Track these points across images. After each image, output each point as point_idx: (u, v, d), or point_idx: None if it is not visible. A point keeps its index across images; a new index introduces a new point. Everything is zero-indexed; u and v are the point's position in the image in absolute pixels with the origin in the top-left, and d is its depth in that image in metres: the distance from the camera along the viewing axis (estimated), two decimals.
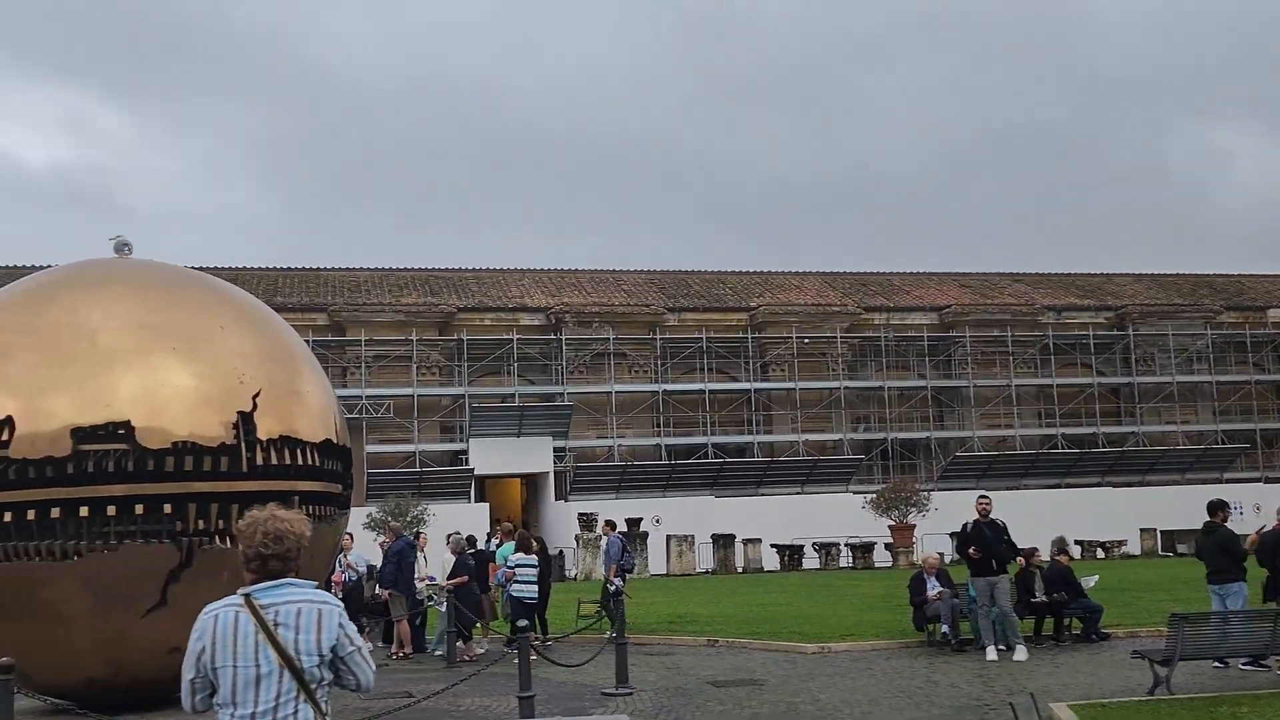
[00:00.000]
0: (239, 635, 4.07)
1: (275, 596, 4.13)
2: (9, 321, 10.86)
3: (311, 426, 11.40)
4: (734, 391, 49.00)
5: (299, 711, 4.03)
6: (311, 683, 4.06)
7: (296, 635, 4.04)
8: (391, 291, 49.93)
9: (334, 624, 4.12)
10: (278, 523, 4.22)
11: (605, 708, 11.50)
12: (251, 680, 4.02)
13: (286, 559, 4.19)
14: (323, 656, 4.08)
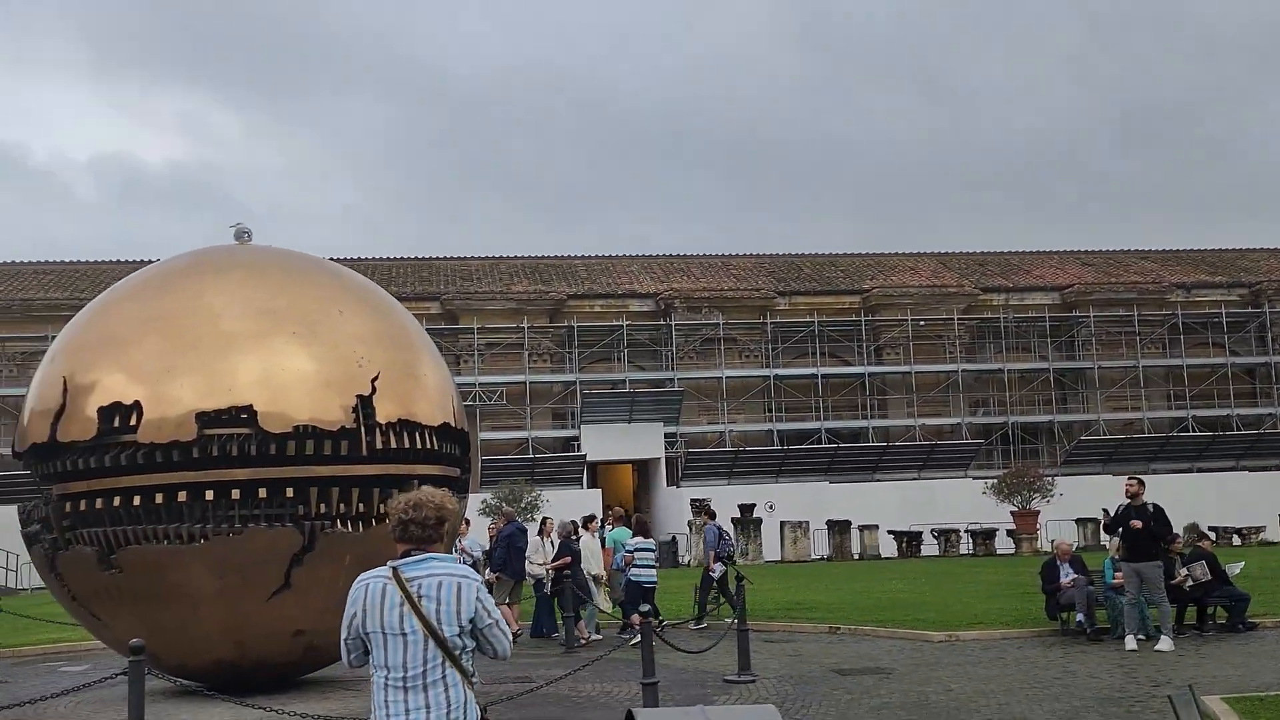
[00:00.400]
0: (386, 604, 4.32)
1: (419, 570, 4.37)
2: (134, 309, 10.99)
3: (430, 410, 11.33)
4: (847, 376, 48.23)
5: (446, 675, 4.27)
6: (455, 649, 4.28)
7: (438, 606, 4.28)
8: (502, 280, 50.28)
9: (472, 597, 4.33)
10: (419, 494, 4.53)
11: (729, 695, 11.23)
12: (399, 645, 4.28)
13: (425, 525, 4.41)
14: (462, 626, 4.29)
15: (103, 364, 10.58)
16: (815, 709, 10.48)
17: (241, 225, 12.43)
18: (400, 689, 4.28)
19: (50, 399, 10.68)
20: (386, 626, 4.30)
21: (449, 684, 4.28)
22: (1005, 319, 48.62)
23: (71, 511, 10.61)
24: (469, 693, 4.31)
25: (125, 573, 10.30)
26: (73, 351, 10.91)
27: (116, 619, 10.72)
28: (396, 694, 4.28)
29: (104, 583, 10.42)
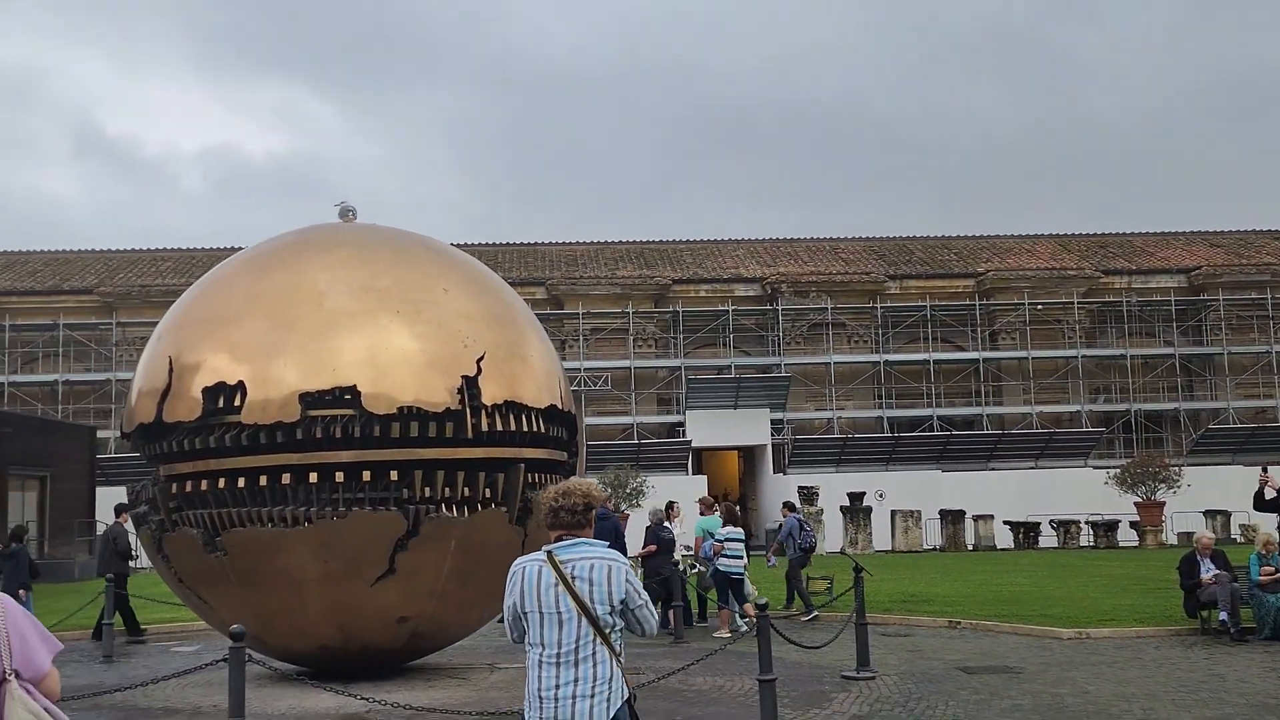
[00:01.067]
0: (542, 585, 4.57)
1: (572, 553, 4.63)
2: (238, 288, 10.82)
3: (536, 391, 10.97)
4: (960, 361, 46.94)
5: (596, 652, 4.50)
6: (605, 628, 4.52)
7: (590, 587, 4.52)
8: (607, 265, 50.02)
9: (621, 579, 4.57)
10: (568, 484, 4.82)
11: (849, 691, 10.68)
12: (555, 624, 4.52)
13: (574, 511, 4.67)
14: (613, 606, 4.54)
15: (207, 343, 10.42)
16: (941, 710, 9.87)
17: (346, 204, 12.22)
18: (554, 664, 4.51)
19: (157, 378, 10.57)
20: (543, 606, 4.54)
21: (598, 660, 4.51)
22: (1128, 302, 46.80)
23: (177, 493, 10.49)
24: (617, 669, 4.54)
25: (230, 555, 10.14)
26: (178, 330, 10.79)
27: (222, 602, 10.58)
28: (550, 669, 4.52)
29: (209, 565, 10.28)
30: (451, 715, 8.64)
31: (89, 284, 46.55)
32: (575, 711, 4.46)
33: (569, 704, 4.46)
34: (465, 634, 11.83)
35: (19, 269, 48.67)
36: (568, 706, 4.46)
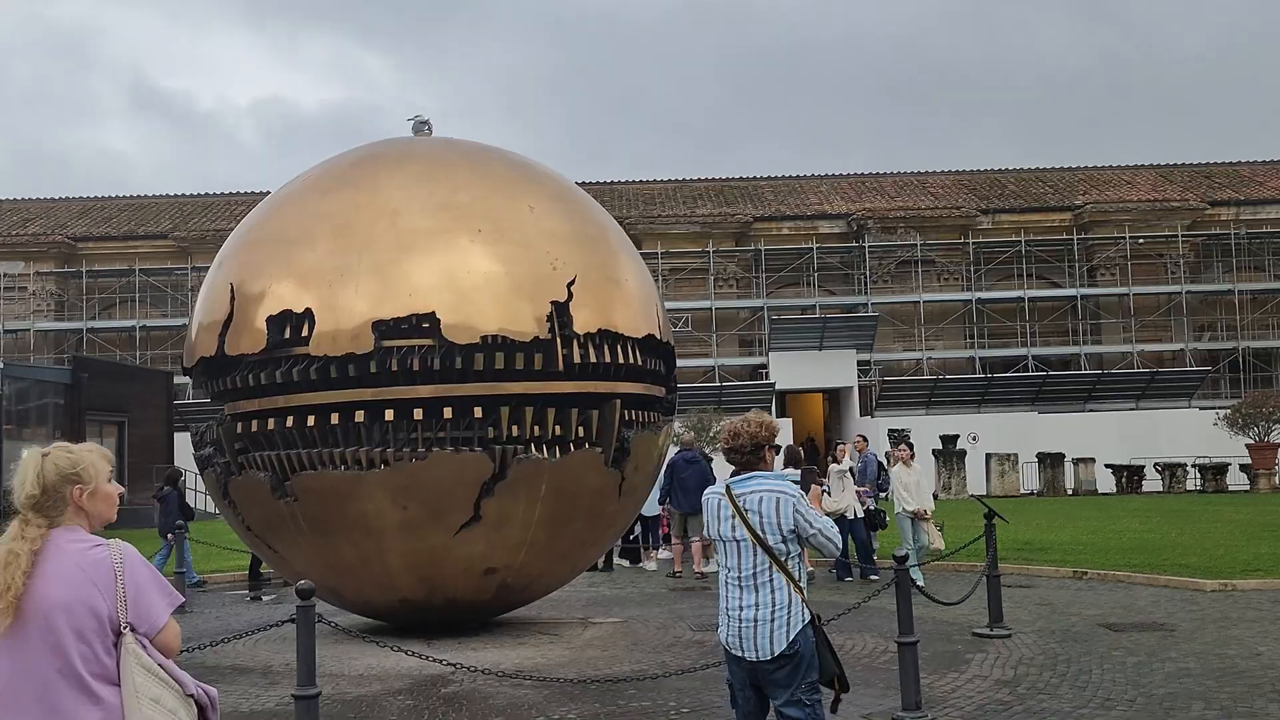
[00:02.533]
0: (721, 515, 5.00)
1: (745, 487, 5.00)
2: (303, 207, 9.82)
3: (632, 319, 9.87)
4: (1057, 299, 44.95)
5: (773, 579, 4.82)
6: (780, 555, 4.84)
7: (761, 519, 4.87)
8: (686, 203, 48.65)
9: (789, 511, 4.86)
10: (738, 424, 5.09)
11: (985, 652, 9.52)
12: (735, 550, 4.92)
13: (742, 452, 5.03)
14: (784, 535, 4.84)
15: (271, 269, 9.45)
16: (1097, 674, 8.66)
17: (420, 116, 11.15)
18: (737, 586, 4.90)
19: (217, 308, 9.64)
20: (723, 534, 4.97)
21: (775, 586, 4.82)
22: (1236, 235, 44.35)
23: (243, 433, 9.59)
24: (795, 596, 4.81)
25: (300, 501, 9.23)
26: (239, 255, 9.84)
27: (293, 552, 9.71)
28: (734, 590, 4.91)
29: (278, 512, 9.38)
30: (544, 683, 7.67)
31: (164, 229, 46.34)
32: (756, 633, 4.79)
33: (751, 626, 4.81)
34: (557, 586, 10.87)
35: (94, 215, 48.63)
36: (750, 628, 4.81)
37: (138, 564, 3.36)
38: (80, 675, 3.20)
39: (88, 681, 3.21)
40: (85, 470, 3.42)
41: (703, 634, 10.49)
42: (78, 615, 3.22)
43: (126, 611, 3.28)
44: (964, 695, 7.97)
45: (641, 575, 16.47)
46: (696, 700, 7.85)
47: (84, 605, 3.23)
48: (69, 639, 3.21)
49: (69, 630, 3.21)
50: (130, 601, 3.29)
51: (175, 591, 3.46)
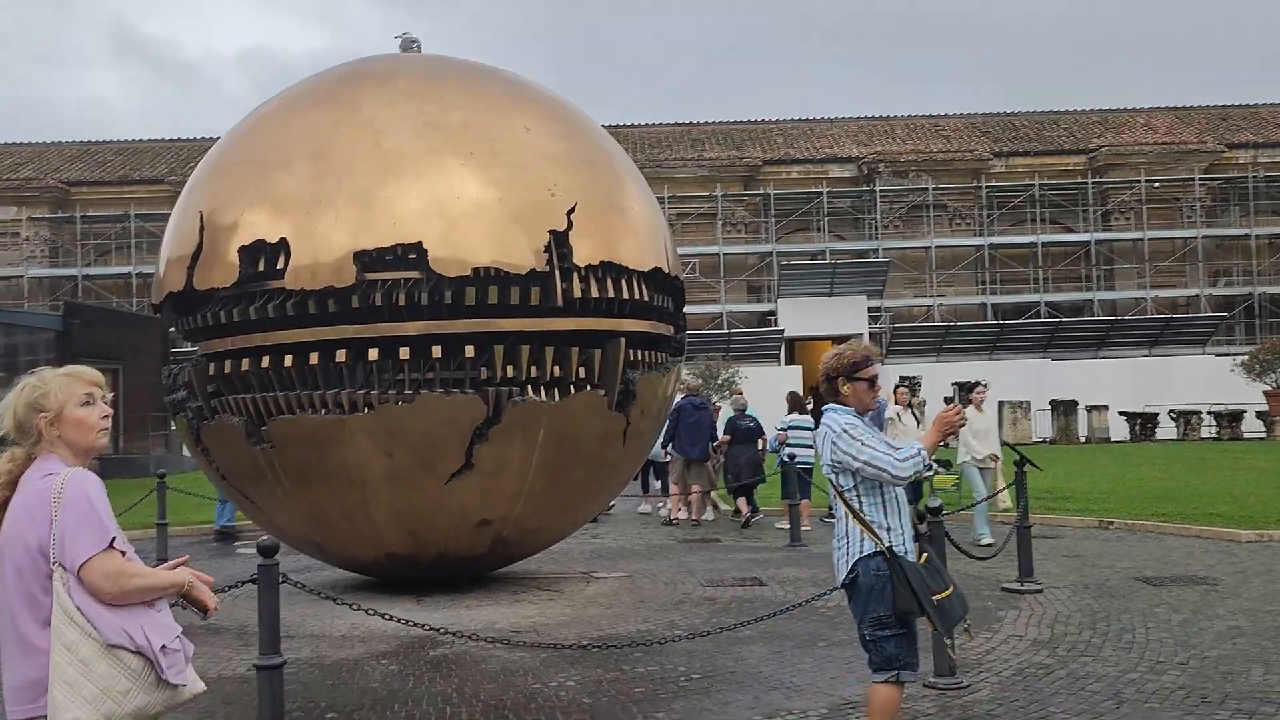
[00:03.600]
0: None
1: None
2: (279, 127, 9.01)
3: (638, 251, 9.09)
4: (1070, 244, 44.07)
5: (837, 509, 4.96)
6: (839, 488, 4.91)
7: (819, 453, 5.04)
8: (693, 146, 47.62)
9: (829, 444, 4.89)
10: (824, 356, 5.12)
11: (1017, 609, 8.83)
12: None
13: (821, 385, 5.04)
14: (833, 467, 4.89)
15: (243, 195, 8.66)
16: (1141, 633, 7.97)
17: (409, 35, 10.31)
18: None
19: (186, 239, 8.87)
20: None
21: (839, 516, 4.94)
22: (1254, 178, 43.34)
23: (215, 374, 8.85)
24: (855, 527, 4.83)
25: (277, 448, 8.51)
26: (209, 181, 9.04)
27: (272, 503, 9.00)
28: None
29: (254, 460, 8.66)
30: (541, 647, 6.99)
31: (159, 174, 45.42)
32: (834, 562, 4.96)
33: (832, 555, 5.00)
34: (557, 539, 10.17)
35: (88, 160, 47.70)
36: (832, 556, 5.01)
37: (77, 496, 3.09)
38: (29, 613, 3.09)
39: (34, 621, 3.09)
40: (46, 397, 3.22)
41: (713, 590, 9.82)
42: (17, 551, 3.10)
43: (55, 547, 3.08)
44: (1000, 658, 7.28)
45: (649, 526, 15.82)
46: (708, 664, 7.17)
47: (21, 540, 3.10)
48: (13, 576, 3.10)
49: (13, 567, 3.10)
50: (58, 536, 3.07)
51: (109, 527, 3.14)
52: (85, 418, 3.27)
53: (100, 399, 3.34)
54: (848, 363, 4.94)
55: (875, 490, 4.81)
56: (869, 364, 5.06)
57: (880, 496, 4.82)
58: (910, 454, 4.73)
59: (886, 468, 4.73)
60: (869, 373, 5.02)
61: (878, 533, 4.75)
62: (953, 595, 4.76)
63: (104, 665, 3.05)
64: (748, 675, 6.92)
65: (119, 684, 3.07)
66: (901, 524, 4.84)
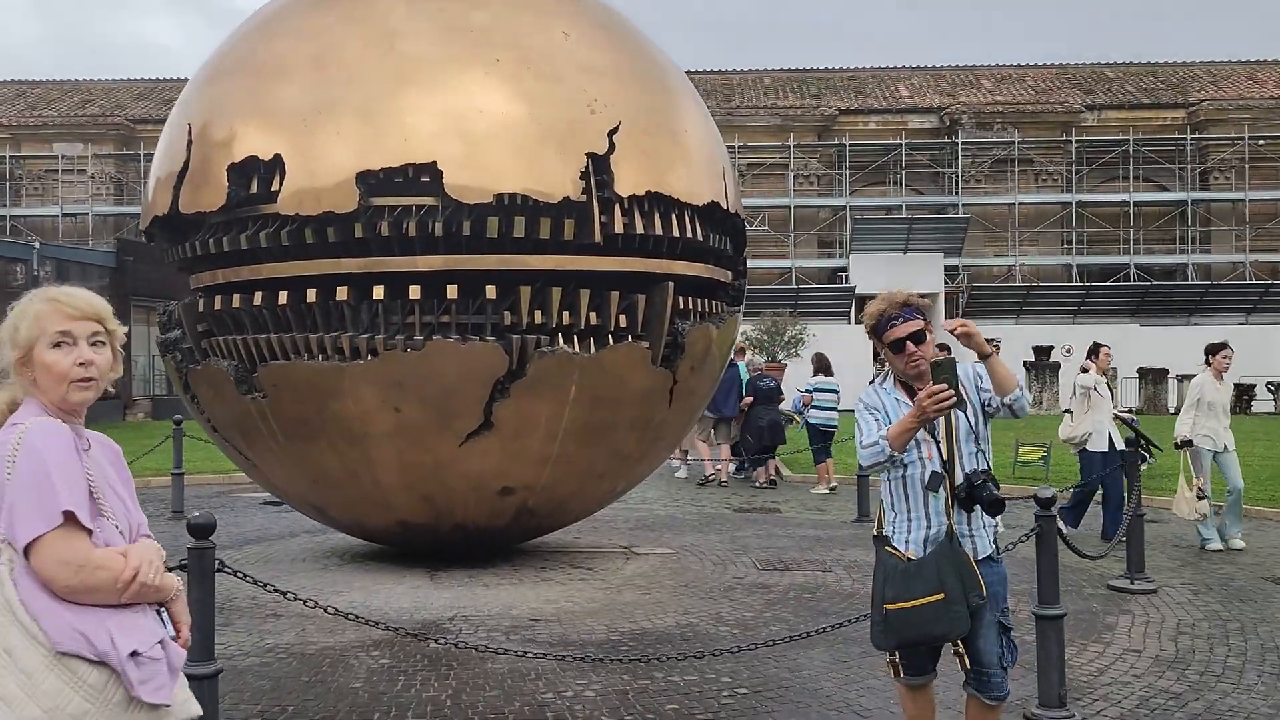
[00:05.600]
0: None
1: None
2: (281, 28, 7.81)
3: (692, 181, 7.80)
4: (1164, 203, 41.74)
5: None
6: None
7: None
8: (767, 94, 45.86)
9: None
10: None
11: (1128, 614, 7.48)
12: None
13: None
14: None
15: (235, 106, 7.50)
16: None
17: None
18: None
19: (174, 156, 7.75)
20: None
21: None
22: None
23: (206, 312, 7.74)
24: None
25: (270, 398, 7.39)
26: (200, 90, 7.89)
27: (267, 459, 7.91)
28: None
29: (246, 410, 7.56)
30: (560, 645, 5.81)
31: None
32: None
33: None
34: (592, 510, 8.99)
35: (154, 98, 47.14)
36: None
37: (30, 454, 2.37)
38: None
39: None
40: (16, 330, 2.54)
41: (769, 573, 8.58)
42: None
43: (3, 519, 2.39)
44: (1116, 680, 5.97)
45: (703, 491, 14.62)
46: (758, 675, 5.93)
47: None
48: None
49: None
50: (7, 507, 2.38)
51: (64, 499, 2.36)
52: (54, 364, 2.51)
53: (83, 339, 2.52)
54: (871, 321, 4.14)
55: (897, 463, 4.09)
56: (897, 320, 4.04)
57: (899, 471, 4.10)
58: (872, 440, 4.02)
59: (858, 453, 4.13)
60: (896, 333, 4.03)
61: (884, 517, 4.16)
62: (926, 608, 3.88)
63: (52, 679, 2.34)
64: (806, 692, 5.68)
65: (71, 703, 2.33)
66: (915, 511, 4.04)
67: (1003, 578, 4.16)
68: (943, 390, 3.78)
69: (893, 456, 3.94)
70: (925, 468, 4.02)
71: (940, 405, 3.79)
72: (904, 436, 3.92)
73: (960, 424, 4.06)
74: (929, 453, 4.03)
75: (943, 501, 4.00)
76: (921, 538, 4.02)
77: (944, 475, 3.99)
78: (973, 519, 4.06)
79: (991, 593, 4.00)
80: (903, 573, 3.98)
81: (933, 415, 3.84)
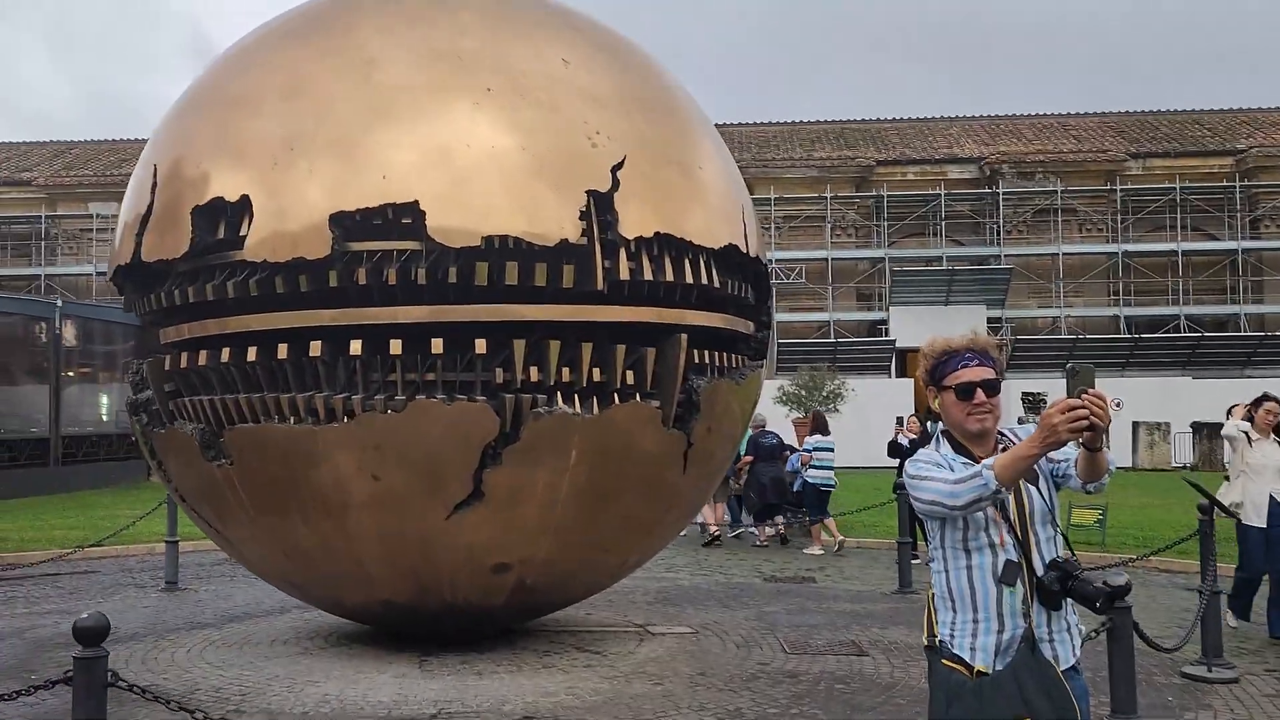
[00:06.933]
0: None
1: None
2: (255, 57, 7.17)
3: (707, 222, 7.03)
4: (1214, 253, 40.53)
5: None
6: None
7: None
8: (803, 146, 45.25)
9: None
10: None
11: (1209, 709, 6.52)
12: None
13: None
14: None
15: (200, 141, 6.84)
16: None
17: None
18: None
19: (140, 198, 7.09)
20: None
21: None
22: None
23: (172, 369, 7.04)
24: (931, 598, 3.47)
25: (237, 464, 6.66)
26: (168, 126, 7.26)
27: (238, 531, 7.15)
28: None
29: (213, 478, 6.83)
30: None
31: None
32: None
33: None
34: (599, 587, 8.15)
35: None
36: None
37: None
38: None
39: None
40: None
41: (798, 658, 7.68)
42: None
43: None
44: None
45: (732, 556, 13.74)
46: None
47: None
48: None
49: None
50: None
51: None
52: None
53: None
54: (929, 364, 3.39)
55: (958, 552, 3.28)
56: (970, 361, 3.26)
57: (962, 561, 3.26)
58: (969, 473, 3.13)
59: (941, 498, 3.20)
60: (966, 375, 3.25)
61: (936, 618, 3.33)
62: None
63: None
64: None
65: None
66: (983, 612, 3.21)
67: (1084, 693, 3.28)
68: (1079, 405, 2.90)
69: (999, 491, 3.04)
70: (997, 555, 3.18)
71: (1075, 424, 2.92)
72: (1018, 467, 3.04)
73: (1034, 501, 3.24)
74: (1000, 537, 3.18)
75: (1019, 598, 3.16)
76: (992, 645, 3.17)
77: (1020, 565, 3.15)
78: (1053, 620, 3.21)
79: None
80: (973, 691, 3.18)
81: (1066, 437, 2.95)
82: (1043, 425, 2.96)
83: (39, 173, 45.87)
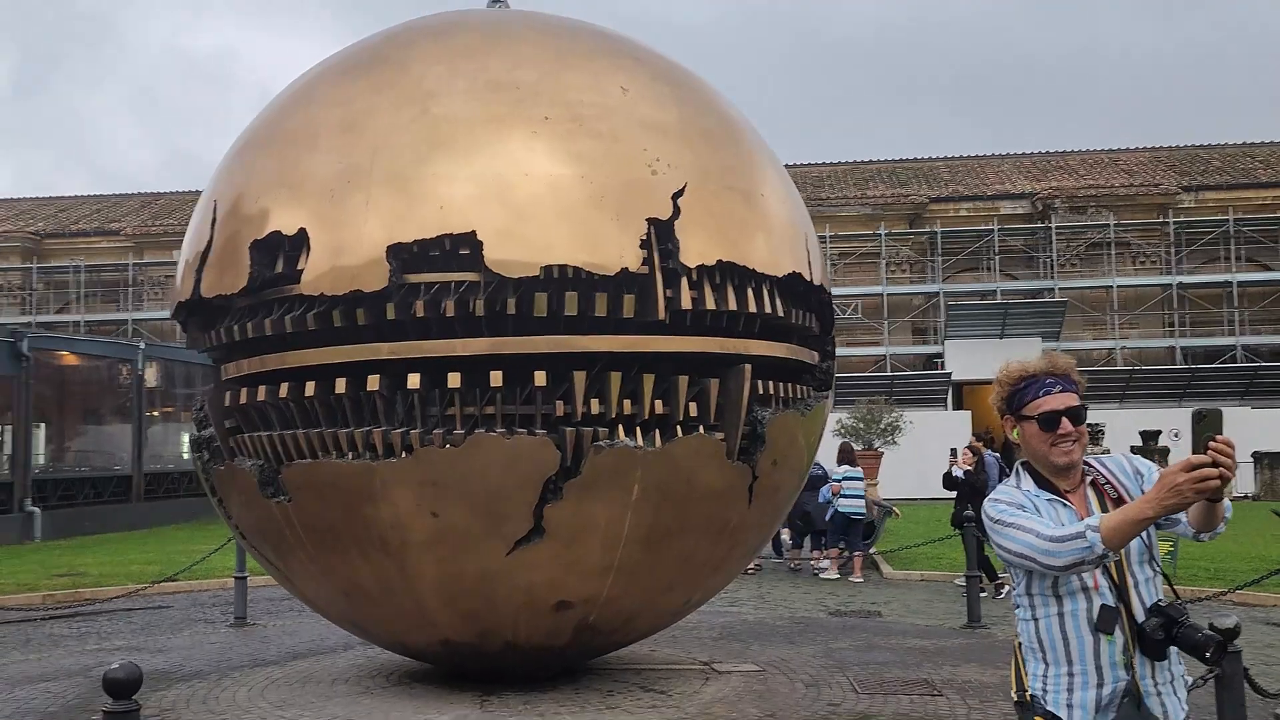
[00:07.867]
0: None
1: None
2: (312, 94, 7.15)
3: (771, 251, 6.89)
4: (1269, 283, 39.84)
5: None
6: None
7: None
8: (856, 184, 45.16)
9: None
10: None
11: None
12: None
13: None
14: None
15: (258, 179, 6.82)
16: None
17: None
18: None
19: (200, 235, 7.08)
20: None
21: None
22: None
23: (232, 405, 7.00)
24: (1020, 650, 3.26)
25: (295, 501, 6.58)
26: (229, 165, 7.25)
27: (296, 569, 7.07)
28: None
29: (270, 515, 6.75)
30: None
31: None
32: None
33: None
34: (663, 625, 7.96)
35: None
36: None
37: None
38: None
39: None
40: None
41: (869, 699, 7.44)
42: None
43: None
44: None
45: (796, 589, 13.53)
46: None
47: None
48: None
49: None
50: None
51: None
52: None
53: None
54: (1005, 391, 3.22)
55: (1048, 598, 3.03)
56: (1052, 388, 3.13)
57: (1052, 608, 3.02)
58: (1070, 532, 2.85)
59: (1034, 554, 2.94)
60: (1048, 404, 3.04)
61: (1026, 669, 3.08)
62: None
63: None
64: None
65: None
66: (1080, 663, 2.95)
67: None
68: (1206, 463, 2.64)
69: (1105, 556, 2.78)
70: (1091, 600, 2.95)
71: (1203, 487, 2.66)
72: (1130, 531, 2.77)
73: (1132, 542, 2.97)
74: (1094, 580, 2.95)
75: (1119, 648, 2.94)
76: (1092, 700, 2.94)
77: (1118, 610, 2.93)
78: (1158, 670, 2.96)
79: None
80: None
81: (1192, 499, 2.69)
82: (1164, 483, 2.70)
83: (127, 223, 47.50)
